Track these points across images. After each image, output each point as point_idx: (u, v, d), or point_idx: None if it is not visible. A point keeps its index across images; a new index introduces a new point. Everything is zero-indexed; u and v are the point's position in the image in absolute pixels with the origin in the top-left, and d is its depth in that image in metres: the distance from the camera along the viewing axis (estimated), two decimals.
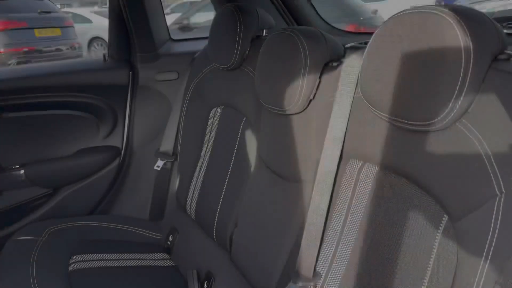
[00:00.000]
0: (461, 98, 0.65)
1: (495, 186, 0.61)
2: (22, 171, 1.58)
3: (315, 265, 0.94)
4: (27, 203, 1.62)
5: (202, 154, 1.52)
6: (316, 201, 0.94)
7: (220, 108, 1.47)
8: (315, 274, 0.93)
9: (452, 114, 0.66)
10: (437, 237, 0.71)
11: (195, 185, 1.51)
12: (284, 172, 1.11)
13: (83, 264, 1.38)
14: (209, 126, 1.51)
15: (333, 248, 0.91)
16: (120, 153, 1.74)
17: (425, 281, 0.71)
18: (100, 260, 1.42)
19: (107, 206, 1.77)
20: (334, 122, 0.92)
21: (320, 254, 0.94)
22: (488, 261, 0.60)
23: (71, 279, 1.30)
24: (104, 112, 1.70)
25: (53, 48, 5.92)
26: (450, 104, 0.65)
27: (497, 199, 0.61)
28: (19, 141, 1.60)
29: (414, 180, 0.76)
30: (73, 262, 1.38)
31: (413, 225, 0.75)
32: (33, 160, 1.62)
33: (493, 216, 0.60)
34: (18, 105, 1.56)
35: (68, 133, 1.68)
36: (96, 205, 1.73)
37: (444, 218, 0.70)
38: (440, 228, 0.71)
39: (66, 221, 1.57)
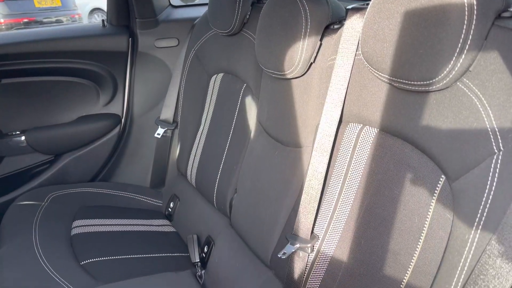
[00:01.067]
0: (463, 56, 0.64)
1: (493, 144, 0.61)
2: (23, 137, 1.59)
3: (313, 227, 0.95)
4: (29, 169, 1.63)
5: (202, 122, 1.52)
6: (315, 165, 0.94)
7: (221, 75, 1.45)
8: (313, 236, 0.94)
9: (453, 72, 0.65)
10: (434, 197, 0.71)
11: (195, 152, 1.51)
12: (283, 137, 1.11)
13: (85, 228, 1.40)
14: (209, 93, 1.50)
15: (331, 211, 0.92)
16: (121, 121, 1.74)
17: (421, 240, 0.72)
18: (102, 225, 1.44)
19: (108, 174, 1.78)
20: (334, 86, 0.91)
21: (318, 217, 0.95)
22: (483, 218, 0.60)
23: (73, 242, 1.32)
24: (104, 79, 1.68)
25: (53, 19, 5.85)
26: (452, 62, 0.64)
27: (495, 156, 0.61)
28: (19, 108, 1.60)
29: (412, 141, 0.76)
30: (75, 227, 1.40)
31: (411, 186, 0.76)
32: (34, 127, 1.62)
33: (490, 174, 0.60)
34: (18, 71, 1.54)
35: (68, 100, 1.67)
36: (97, 172, 1.75)
37: (441, 179, 0.71)
38: (437, 188, 0.71)
39: (68, 187, 1.59)
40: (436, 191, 0.71)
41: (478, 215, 0.61)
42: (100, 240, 1.36)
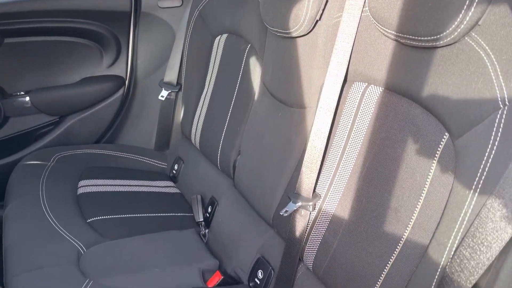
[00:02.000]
0: (472, 9, 0.62)
1: (499, 99, 0.60)
2: (27, 98, 1.59)
3: (315, 186, 0.96)
4: (34, 130, 1.64)
5: (206, 84, 1.51)
6: (318, 125, 0.94)
7: (225, 36, 1.43)
8: (315, 194, 0.96)
9: (462, 26, 0.64)
10: (436, 155, 0.71)
11: (199, 114, 1.51)
12: (287, 98, 1.10)
13: (91, 188, 1.42)
14: (213, 55, 1.48)
15: (333, 170, 0.92)
16: (125, 83, 1.73)
17: (421, 197, 0.73)
18: (107, 185, 1.46)
19: (113, 136, 1.79)
20: (340, 44, 0.90)
21: (320, 176, 0.95)
22: (485, 173, 0.61)
23: (80, 201, 1.35)
24: (107, 40, 1.66)
25: None
26: (461, 15, 0.63)
27: (500, 111, 0.60)
28: (23, 68, 1.59)
29: (417, 99, 0.75)
30: (81, 186, 1.42)
31: (413, 145, 0.75)
32: (38, 87, 1.62)
33: (494, 129, 0.60)
34: (21, 30, 1.53)
35: (71, 61, 1.66)
36: (102, 134, 1.76)
37: (444, 136, 0.70)
38: (440, 146, 0.71)
39: (73, 148, 1.60)
40: (439, 149, 0.71)
41: (480, 170, 0.62)
42: (106, 199, 1.39)
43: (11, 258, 1.05)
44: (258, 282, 1.08)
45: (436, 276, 0.66)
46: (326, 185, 0.94)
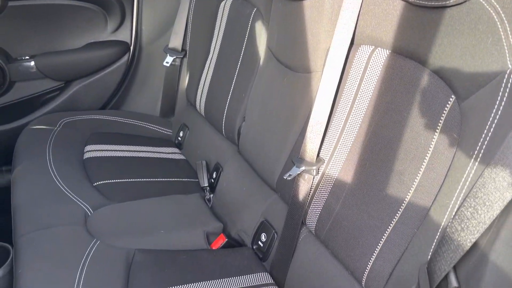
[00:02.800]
0: None
1: (508, 59, 0.59)
2: (32, 63, 1.58)
3: (319, 151, 0.96)
4: (40, 96, 1.64)
5: (211, 50, 1.49)
6: (324, 89, 0.93)
7: (230, 0, 1.40)
8: (318, 159, 0.96)
9: None
10: (442, 118, 0.71)
11: (204, 81, 1.51)
12: (293, 63, 1.09)
13: (97, 153, 1.43)
14: (218, 19, 1.46)
15: (337, 134, 0.92)
16: (129, 49, 1.72)
17: (425, 160, 0.73)
18: (113, 150, 1.47)
19: (118, 102, 1.80)
20: (347, 5, 0.88)
21: (324, 141, 0.95)
22: (490, 134, 0.60)
23: (86, 165, 1.36)
24: (111, 4, 1.64)
25: None
26: None
27: (508, 72, 0.59)
28: (27, 32, 1.58)
29: (424, 62, 0.74)
30: (87, 151, 1.43)
31: (419, 108, 0.75)
32: (43, 52, 1.61)
33: (501, 89, 0.59)
34: None
35: (76, 26, 1.65)
36: (107, 100, 1.76)
37: (451, 99, 0.70)
38: (445, 109, 0.70)
39: (79, 114, 1.61)
40: (444, 112, 0.70)
41: (485, 131, 0.61)
42: (112, 164, 1.40)
43: (20, 217, 1.07)
44: (262, 245, 1.10)
45: (437, 237, 0.67)
46: (330, 149, 0.94)
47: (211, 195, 1.35)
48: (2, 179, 1.59)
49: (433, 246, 0.67)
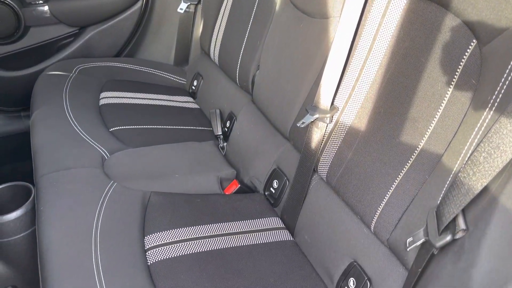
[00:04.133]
0: None
1: None
2: (46, 7, 1.57)
3: (333, 99, 0.95)
4: (55, 41, 1.64)
5: None
6: (341, 35, 0.91)
7: None
8: (333, 107, 0.95)
9: None
10: (461, 63, 0.69)
11: (219, 28, 1.48)
12: (310, 8, 1.06)
13: (112, 100, 1.45)
14: None
15: (353, 81, 0.91)
16: None
17: (441, 106, 0.72)
18: (128, 97, 1.49)
19: (132, 50, 1.79)
20: None
21: (340, 88, 0.94)
22: (509, 78, 0.59)
23: (102, 111, 1.38)
24: None
25: None
26: None
27: None
28: None
29: (447, 5, 0.72)
30: (103, 98, 1.45)
31: (438, 53, 0.73)
32: None
33: None
34: None
35: None
36: (121, 48, 1.75)
37: (472, 43, 0.68)
38: (466, 53, 0.68)
39: (94, 61, 1.61)
40: (464, 56, 0.69)
41: (505, 75, 0.60)
42: (127, 111, 1.42)
43: (40, 159, 1.11)
44: (273, 191, 1.12)
45: (448, 182, 0.68)
46: (345, 97, 0.93)
47: (225, 144, 1.37)
48: (22, 125, 1.62)
49: (443, 191, 0.68)
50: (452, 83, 0.71)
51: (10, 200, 1.10)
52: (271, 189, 1.13)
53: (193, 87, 1.64)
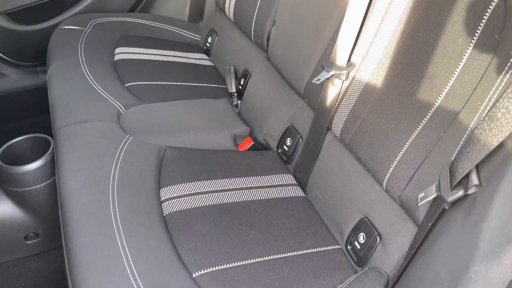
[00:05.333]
0: None
1: None
2: None
3: (350, 55, 0.94)
4: None
5: None
6: None
7: None
8: (349, 64, 0.94)
9: None
10: (484, 17, 0.67)
11: None
12: None
13: (127, 55, 1.44)
14: None
15: (371, 38, 0.89)
16: None
17: (461, 62, 0.70)
18: (143, 53, 1.48)
19: (147, 6, 1.76)
20: None
21: (357, 45, 0.93)
22: None
23: (117, 67, 1.39)
24: None
25: None
26: None
27: None
28: None
29: None
30: (118, 53, 1.44)
31: (461, 7, 0.71)
32: None
33: None
34: None
35: None
36: (136, 3, 1.72)
37: (494, 1, 0.65)
38: (490, 7, 0.66)
39: (109, 15, 1.60)
40: (488, 10, 0.66)
41: None
42: (142, 66, 1.42)
43: (58, 112, 1.13)
44: (286, 149, 1.13)
45: (463, 139, 0.67)
46: (362, 53, 0.91)
47: (239, 101, 1.37)
48: (38, 80, 1.64)
49: (458, 148, 0.68)
50: (474, 37, 0.69)
51: (30, 152, 1.13)
52: (284, 146, 1.14)
53: (208, 44, 1.62)
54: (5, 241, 1.10)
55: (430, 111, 0.75)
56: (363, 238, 0.86)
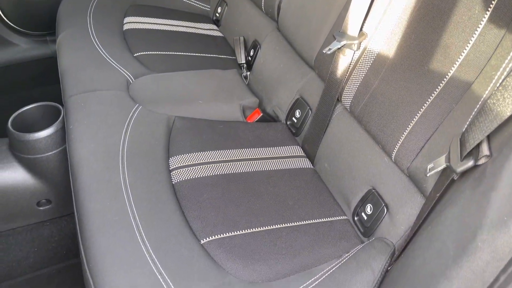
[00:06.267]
0: None
1: None
2: None
3: (362, 25, 0.92)
4: None
5: None
6: None
7: None
8: (361, 33, 0.92)
9: None
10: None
11: None
12: None
13: (136, 25, 1.43)
14: None
15: (385, 7, 0.87)
16: None
17: (476, 32, 0.69)
18: (152, 23, 1.47)
19: None
20: None
21: (370, 14, 0.91)
22: None
23: (126, 36, 1.38)
24: None
25: None
26: None
27: None
28: None
29: None
30: (127, 23, 1.43)
31: None
32: None
33: None
34: None
35: None
36: None
37: None
38: None
39: None
40: None
41: None
42: (151, 36, 1.41)
43: (67, 81, 1.13)
44: (295, 121, 1.13)
45: (476, 109, 0.66)
46: (375, 22, 0.89)
47: (248, 73, 1.36)
48: (48, 49, 1.64)
49: (469, 119, 0.67)
50: (491, 5, 0.67)
51: (41, 120, 1.14)
52: (293, 118, 1.13)
53: (217, 14, 1.60)
54: (18, 207, 1.12)
55: (443, 81, 0.74)
56: (370, 209, 0.86)
